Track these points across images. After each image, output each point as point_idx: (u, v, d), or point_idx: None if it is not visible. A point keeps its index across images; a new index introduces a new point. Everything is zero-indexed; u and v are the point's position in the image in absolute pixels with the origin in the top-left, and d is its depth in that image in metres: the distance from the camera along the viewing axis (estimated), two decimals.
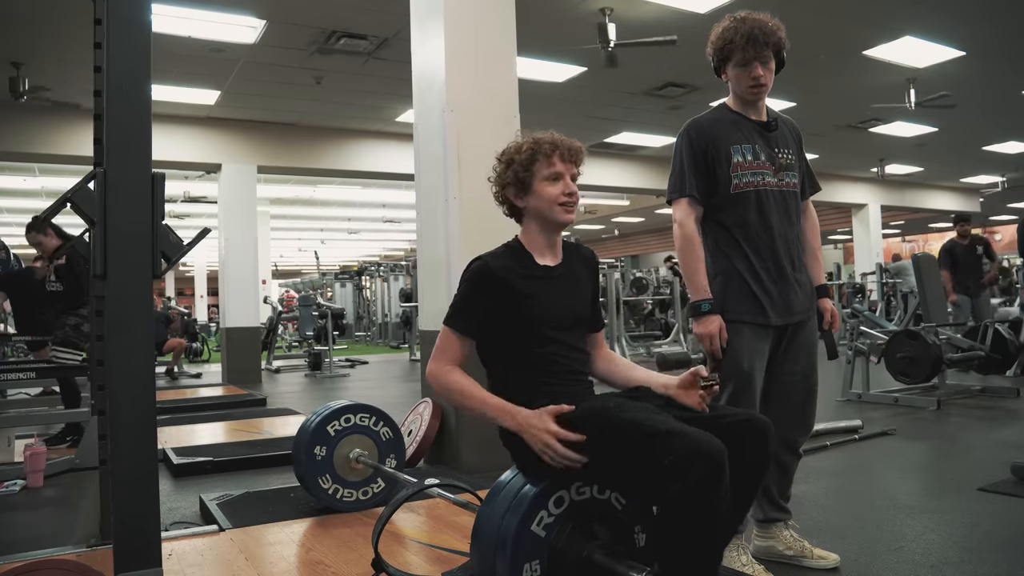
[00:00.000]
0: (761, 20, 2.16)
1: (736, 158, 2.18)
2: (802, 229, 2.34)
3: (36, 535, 2.85)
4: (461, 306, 1.75)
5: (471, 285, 1.74)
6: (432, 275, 4.03)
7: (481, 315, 1.73)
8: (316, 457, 2.83)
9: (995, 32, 6.83)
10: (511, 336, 1.74)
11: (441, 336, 1.75)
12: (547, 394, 1.65)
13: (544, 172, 1.75)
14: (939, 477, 3.61)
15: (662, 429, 1.43)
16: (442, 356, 1.73)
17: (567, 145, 1.77)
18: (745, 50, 2.14)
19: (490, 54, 4.00)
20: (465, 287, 1.75)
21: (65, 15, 5.63)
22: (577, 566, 1.53)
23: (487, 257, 1.78)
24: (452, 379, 1.70)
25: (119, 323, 1.74)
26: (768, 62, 2.18)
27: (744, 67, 2.17)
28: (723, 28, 2.20)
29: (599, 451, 1.51)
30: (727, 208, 2.20)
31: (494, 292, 1.72)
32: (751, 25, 2.14)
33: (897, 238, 25.52)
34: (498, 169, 1.81)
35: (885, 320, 8.92)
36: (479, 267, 1.76)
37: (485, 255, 1.79)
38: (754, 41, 2.13)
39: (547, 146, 1.75)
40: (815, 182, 2.42)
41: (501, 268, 1.74)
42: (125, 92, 1.78)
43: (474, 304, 1.73)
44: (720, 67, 2.26)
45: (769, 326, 2.19)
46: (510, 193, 1.80)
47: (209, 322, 18.70)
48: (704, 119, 2.27)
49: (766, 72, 2.18)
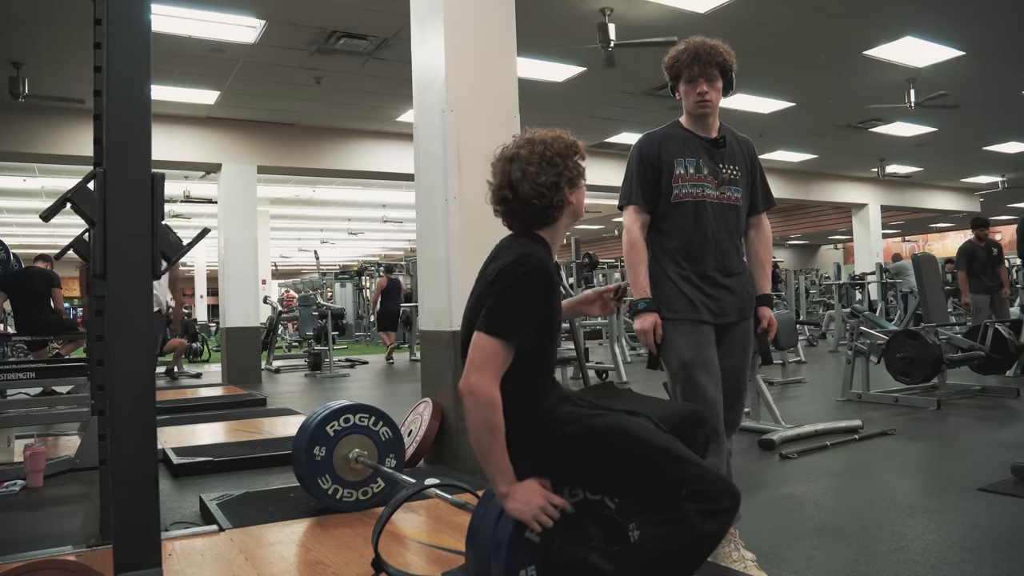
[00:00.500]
0: (709, 43, 2.33)
1: (678, 170, 2.35)
2: (752, 242, 2.52)
3: (36, 535, 2.85)
4: (520, 314, 1.54)
5: (537, 289, 1.56)
6: (432, 275, 4.03)
7: (534, 324, 1.55)
8: (316, 457, 2.83)
9: (995, 32, 6.83)
10: (534, 347, 1.59)
11: (487, 346, 1.52)
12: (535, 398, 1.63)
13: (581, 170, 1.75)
14: (939, 477, 3.61)
15: (689, 458, 1.47)
16: (488, 370, 1.51)
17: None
18: (691, 67, 2.31)
19: (490, 54, 4.00)
20: (525, 291, 1.55)
21: (64, 15, 5.63)
22: (572, 568, 1.53)
23: (535, 253, 1.61)
24: (497, 418, 1.50)
25: (119, 323, 1.74)
26: (714, 80, 2.33)
27: (691, 83, 2.34)
28: (674, 50, 2.38)
29: (610, 469, 1.52)
30: (667, 216, 2.37)
31: (547, 298, 1.57)
32: (697, 46, 2.31)
33: (897, 238, 25.52)
34: (553, 167, 1.66)
35: (885, 320, 8.91)
36: (542, 268, 1.58)
37: (527, 248, 1.62)
38: (698, 59, 2.30)
39: (580, 145, 1.74)
40: (770, 198, 2.55)
41: (552, 268, 1.61)
42: (125, 92, 1.78)
43: (535, 314, 1.55)
44: (674, 85, 2.43)
45: (705, 322, 2.31)
46: (566, 187, 1.68)
47: (209, 323, 18.72)
48: (656, 133, 2.45)
49: (711, 89, 2.33)
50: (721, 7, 5.93)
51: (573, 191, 1.71)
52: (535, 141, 1.70)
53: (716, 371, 2.28)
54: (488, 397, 1.50)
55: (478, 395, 1.50)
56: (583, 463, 1.54)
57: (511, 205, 1.69)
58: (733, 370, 2.39)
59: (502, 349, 1.52)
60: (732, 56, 2.35)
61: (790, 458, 3.88)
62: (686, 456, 1.47)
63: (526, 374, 1.61)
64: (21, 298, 6.91)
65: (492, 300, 1.56)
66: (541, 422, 1.59)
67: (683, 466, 1.45)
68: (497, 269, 1.60)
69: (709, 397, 2.24)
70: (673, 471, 1.45)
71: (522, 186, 1.65)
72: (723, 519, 1.43)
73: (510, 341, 1.53)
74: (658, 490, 1.46)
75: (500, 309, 1.54)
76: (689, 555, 1.44)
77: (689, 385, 2.26)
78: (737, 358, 2.40)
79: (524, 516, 1.49)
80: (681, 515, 1.41)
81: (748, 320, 2.43)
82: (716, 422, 2.22)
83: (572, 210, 1.73)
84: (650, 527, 1.48)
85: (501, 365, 1.53)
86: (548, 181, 1.65)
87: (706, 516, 1.41)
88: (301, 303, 12.95)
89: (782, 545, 2.55)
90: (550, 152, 1.67)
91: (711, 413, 2.21)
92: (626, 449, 1.49)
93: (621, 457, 1.50)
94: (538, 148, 1.67)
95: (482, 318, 1.55)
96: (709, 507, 1.41)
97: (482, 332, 1.54)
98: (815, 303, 15.46)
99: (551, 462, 1.58)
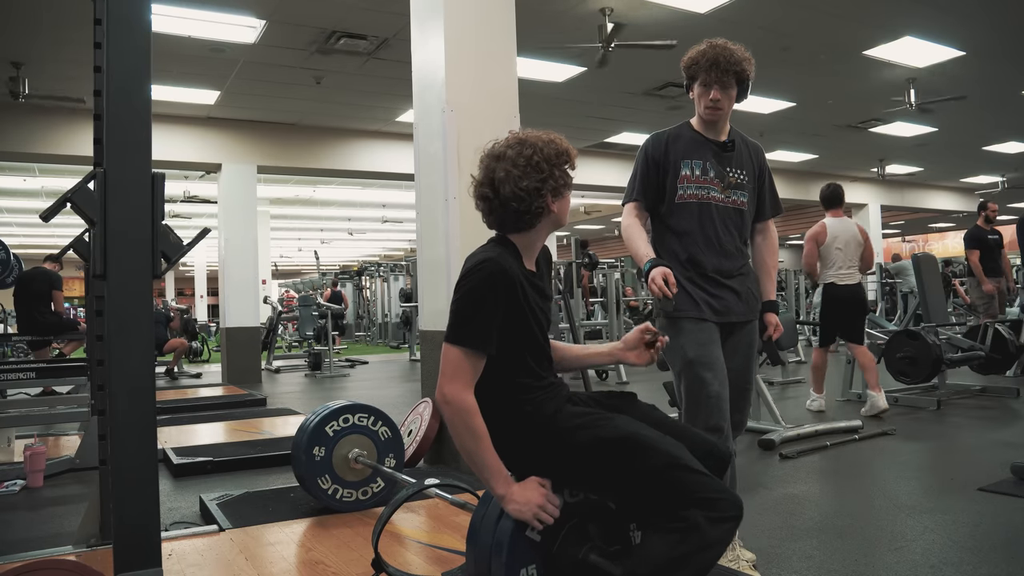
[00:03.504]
0: (729, 49, 2.29)
1: (684, 171, 2.34)
2: (759, 248, 2.52)
3: (36, 535, 2.85)
4: (475, 317, 1.53)
5: (488, 290, 1.54)
6: (432, 275, 4.03)
7: (496, 328, 1.54)
8: (315, 457, 2.83)
9: (995, 32, 6.83)
10: (507, 350, 1.58)
11: (452, 356, 1.53)
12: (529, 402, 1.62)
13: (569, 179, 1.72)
14: (939, 477, 3.61)
15: (696, 467, 1.47)
16: (458, 378, 1.52)
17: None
18: (708, 72, 2.28)
19: (490, 54, 4.00)
20: (478, 293, 1.54)
21: (64, 15, 5.63)
22: (573, 567, 1.53)
23: (495, 256, 1.59)
24: (476, 422, 1.52)
25: (119, 323, 1.74)
26: (728, 88, 2.30)
27: (705, 87, 2.31)
28: (695, 50, 2.34)
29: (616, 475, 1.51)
30: (672, 216, 2.37)
31: (509, 300, 1.56)
32: (718, 51, 2.27)
33: (897, 238, 25.52)
34: (540, 172, 1.63)
35: (885, 320, 8.91)
36: (495, 269, 1.56)
37: (489, 254, 1.60)
38: (716, 66, 2.26)
39: (571, 148, 1.71)
40: (777, 205, 2.55)
41: (512, 270, 1.57)
42: (125, 92, 1.78)
43: (491, 315, 1.54)
44: (689, 85, 2.40)
45: (709, 321, 2.30)
46: (549, 195, 1.65)
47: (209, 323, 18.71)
48: (665, 134, 2.43)
49: (724, 97, 2.30)
50: (721, 7, 5.93)
51: (556, 200, 1.67)
52: (525, 143, 1.66)
53: (721, 369, 2.26)
54: (461, 404, 1.52)
55: (452, 403, 1.52)
56: (590, 469, 1.54)
57: (490, 203, 1.66)
58: (739, 371, 2.37)
59: (467, 356, 1.53)
60: (751, 64, 2.32)
61: (790, 458, 3.88)
62: (694, 466, 1.47)
63: (511, 375, 1.61)
64: (22, 298, 6.91)
65: (453, 308, 1.57)
66: (547, 426, 1.58)
67: (690, 475, 1.45)
68: (460, 278, 1.60)
69: (713, 394, 2.21)
70: (681, 479, 1.45)
71: (503, 187, 1.62)
72: (729, 527, 1.43)
73: (474, 347, 1.53)
74: (665, 497, 1.45)
75: (460, 317, 1.55)
76: (699, 561, 1.43)
77: (693, 383, 2.24)
78: (743, 359, 2.39)
79: (525, 516, 1.49)
80: (690, 521, 1.41)
81: (753, 321, 2.42)
82: (720, 420, 2.20)
83: (554, 219, 1.69)
84: (657, 534, 1.46)
85: (471, 371, 1.54)
86: (530, 186, 1.62)
87: (713, 522, 1.41)
88: (301, 303, 12.96)
89: (782, 545, 2.56)
90: (537, 157, 1.63)
91: (715, 411, 2.20)
92: (633, 455, 1.48)
93: (628, 463, 1.49)
94: (526, 151, 1.64)
95: (447, 328, 1.57)
96: (716, 515, 1.41)
97: (447, 342, 1.55)
98: (815, 303, 15.45)
99: (556, 465, 1.57)
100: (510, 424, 1.60)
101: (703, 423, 2.18)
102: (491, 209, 1.67)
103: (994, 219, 7.27)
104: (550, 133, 1.70)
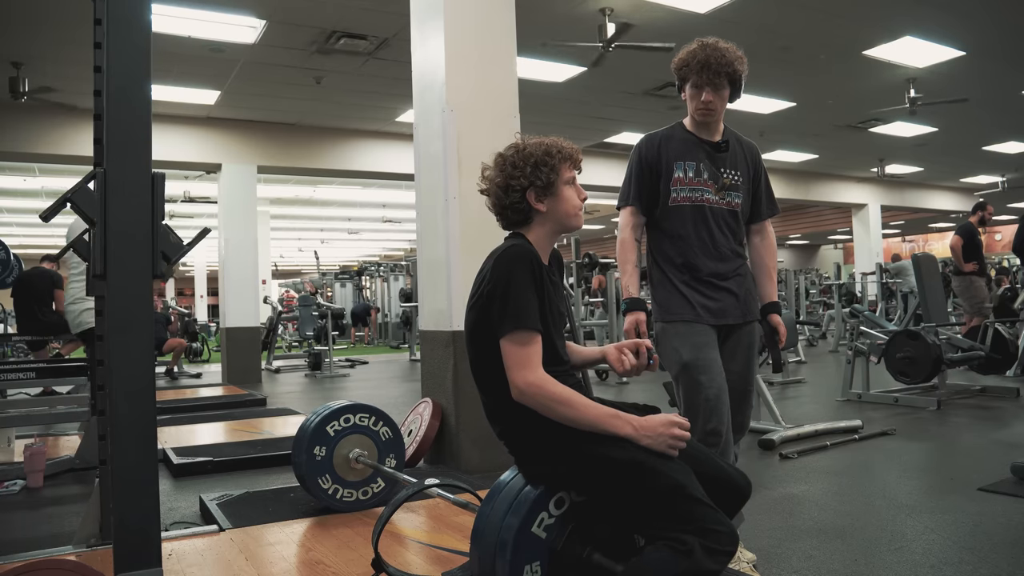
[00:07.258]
0: (720, 49, 2.27)
1: (677, 173, 2.33)
2: (757, 249, 2.50)
3: (36, 535, 2.85)
4: (523, 300, 1.55)
5: (527, 274, 1.57)
6: (432, 275, 4.03)
7: (536, 305, 1.56)
8: (316, 457, 2.83)
9: (995, 32, 6.83)
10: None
11: (518, 343, 1.54)
12: None
13: (566, 176, 1.71)
14: (939, 477, 3.61)
15: (702, 498, 1.48)
16: (530, 364, 1.54)
17: (579, 152, 1.76)
18: (699, 75, 2.27)
19: (490, 54, 4.00)
20: (518, 277, 1.56)
21: (65, 15, 5.63)
22: (577, 567, 1.53)
23: (518, 242, 1.65)
24: (560, 390, 1.52)
25: (119, 323, 1.74)
26: (720, 89, 2.29)
27: (696, 90, 2.30)
28: (685, 51, 2.33)
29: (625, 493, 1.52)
30: (666, 220, 2.36)
31: (539, 286, 1.58)
32: (709, 53, 2.25)
33: (897, 238, 25.53)
34: (516, 170, 1.68)
35: (885, 320, 8.91)
36: (521, 251, 1.59)
37: (512, 241, 1.66)
38: (707, 68, 2.25)
39: (568, 150, 1.72)
40: (773, 205, 2.53)
41: (535, 253, 1.61)
42: (125, 92, 1.77)
43: (532, 296, 1.56)
44: (680, 87, 2.39)
45: (705, 323, 2.29)
46: (532, 195, 1.68)
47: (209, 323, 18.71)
48: (657, 135, 2.42)
49: (716, 99, 2.29)
50: (721, 7, 5.93)
51: (545, 198, 1.69)
52: (520, 145, 1.73)
53: (719, 371, 2.25)
54: (541, 384, 1.53)
55: (534, 388, 1.53)
56: (595, 481, 1.54)
57: (489, 200, 1.76)
58: (739, 373, 2.36)
59: (525, 339, 1.55)
60: (743, 63, 2.30)
61: (790, 458, 3.88)
62: (697, 494, 1.48)
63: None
64: (22, 298, 6.91)
65: (497, 303, 1.57)
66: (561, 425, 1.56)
67: (693, 504, 1.46)
68: (490, 265, 1.63)
69: (711, 397, 2.20)
70: (683, 506, 1.46)
71: (491, 185, 1.73)
72: (723, 559, 1.44)
73: (528, 326, 1.55)
74: (667, 521, 1.46)
75: (506, 302, 1.56)
76: None
77: (691, 387, 2.24)
78: (742, 361, 2.37)
79: (660, 448, 1.52)
80: (688, 546, 1.42)
81: (752, 323, 2.40)
82: (718, 423, 2.19)
83: (549, 217, 1.71)
84: (656, 547, 1.47)
85: (535, 353, 1.55)
86: (505, 184, 1.70)
87: (709, 552, 1.42)
88: (301, 303, 12.96)
89: (782, 545, 2.56)
90: (519, 157, 1.70)
91: (713, 414, 2.19)
92: (641, 479, 1.50)
93: (632, 485, 1.50)
94: (515, 153, 1.71)
95: (497, 324, 1.57)
96: (713, 545, 1.42)
97: (504, 338, 1.56)
98: (815, 303, 15.47)
99: (565, 468, 1.57)
100: (526, 415, 1.59)
101: (701, 427, 2.18)
102: (491, 205, 1.76)
103: (989, 221, 7.30)
104: (550, 137, 1.74)
